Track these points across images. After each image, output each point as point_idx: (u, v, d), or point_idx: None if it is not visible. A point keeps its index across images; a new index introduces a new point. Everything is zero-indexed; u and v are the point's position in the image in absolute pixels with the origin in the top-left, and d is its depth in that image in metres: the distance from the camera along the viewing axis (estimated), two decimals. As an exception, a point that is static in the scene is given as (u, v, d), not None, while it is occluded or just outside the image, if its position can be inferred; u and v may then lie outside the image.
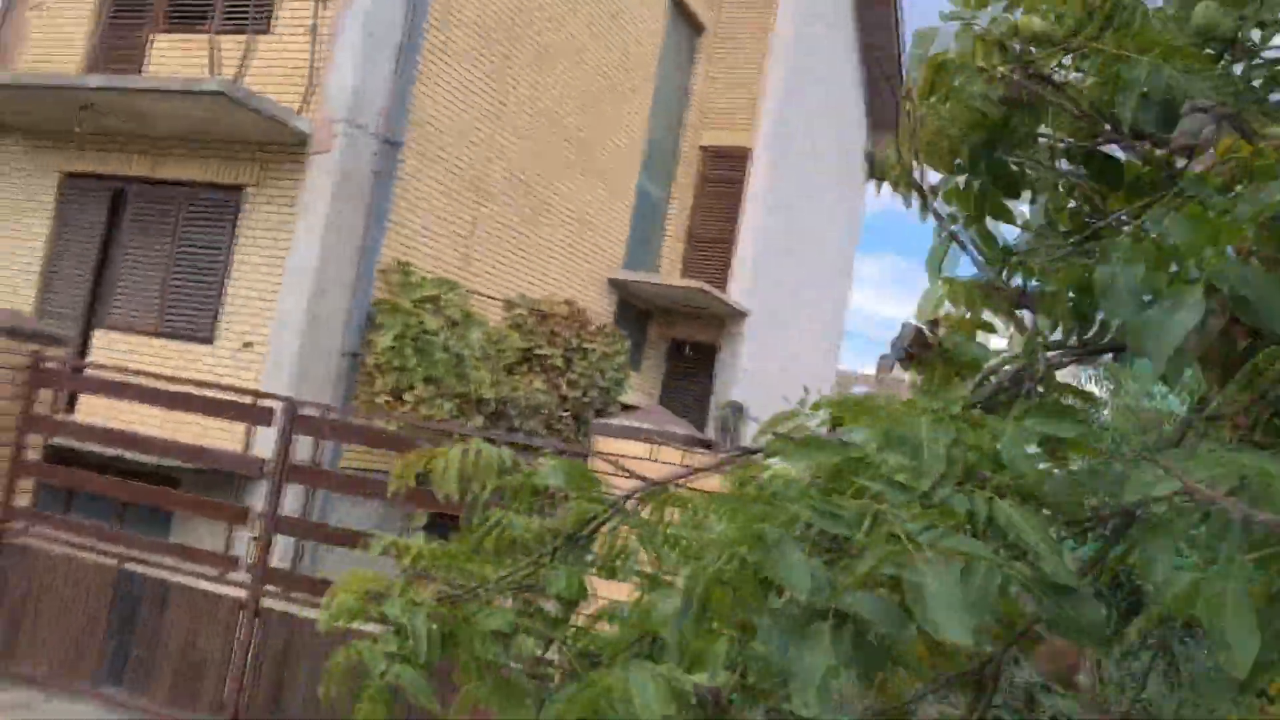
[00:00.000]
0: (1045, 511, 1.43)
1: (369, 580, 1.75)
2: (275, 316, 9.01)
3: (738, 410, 5.13)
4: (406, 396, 9.39)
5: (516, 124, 11.75)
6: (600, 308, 13.95)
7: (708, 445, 4.35)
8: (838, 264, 20.82)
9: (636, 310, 15.26)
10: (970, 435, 1.44)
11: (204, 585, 5.26)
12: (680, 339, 16.04)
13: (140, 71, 9.84)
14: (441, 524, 10.60)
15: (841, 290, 21.52)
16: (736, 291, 15.41)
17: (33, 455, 5.62)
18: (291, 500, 8.10)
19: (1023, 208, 2.01)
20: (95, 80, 8.62)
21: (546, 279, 12.68)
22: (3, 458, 5.52)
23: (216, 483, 8.64)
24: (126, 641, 5.31)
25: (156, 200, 9.84)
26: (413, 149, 10.04)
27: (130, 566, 5.35)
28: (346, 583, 1.74)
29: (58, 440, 6.30)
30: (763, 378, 16.32)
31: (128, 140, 9.86)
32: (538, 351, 11.57)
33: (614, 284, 14.26)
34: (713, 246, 15.87)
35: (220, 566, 5.16)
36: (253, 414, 5.19)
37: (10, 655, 5.53)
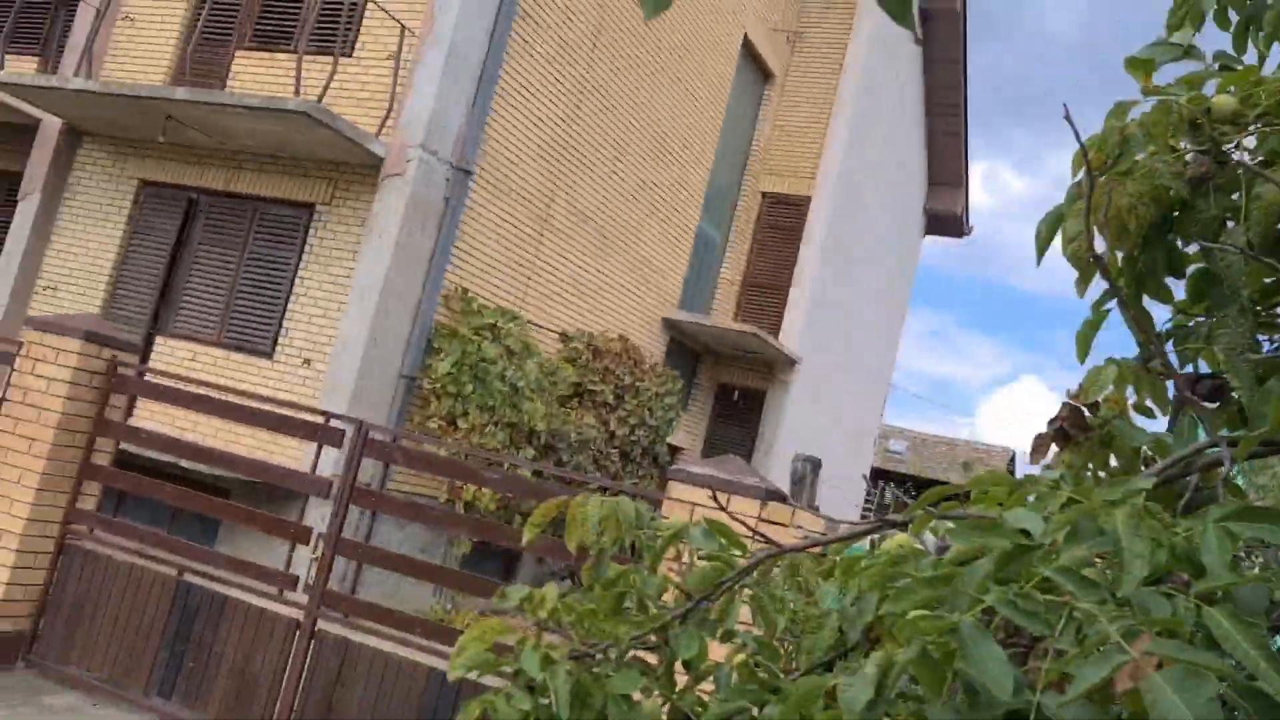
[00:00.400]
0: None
1: (498, 630, 1.69)
2: (337, 334, 9.07)
3: (815, 465, 4.99)
4: (460, 423, 9.38)
5: (584, 159, 11.82)
6: (651, 346, 13.92)
7: (783, 499, 4.27)
8: (889, 317, 20.67)
9: (687, 351, 15.22)
10: (1162, 533, 1.36)
11: (259, 602, 5.24)
12: (728, 384, 15.96)
13: (223, 87, 10.04)
14: (481, 551, 10.55)
15: (891, 343, 21.33)
16: (788, 338, 15.32)
17: (102, 460, 5.66)
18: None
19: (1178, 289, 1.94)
20: (183, 93, 8.80)
21: (601, 314, 12.68)
22: (72, 460, 5.55)
23: (271, 497, 8.66)
24: (180, 653, 5.29)
25: (228, 213, 9.99)
26: (483, 178, 10.12)
27: (189, 578, 5.34)
28: (475, 633, 1.68)
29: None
30: (808, 427, 16.16)
31: (205, 153, 10.05)
32: (589, 386, 11.54)
33: (668, 323, 14.24)
34: (767, 292, 15.83)
35: (280, 584, 5.14)
36: (324, 434, 5.19)
37: (64, 659, 5.53)
